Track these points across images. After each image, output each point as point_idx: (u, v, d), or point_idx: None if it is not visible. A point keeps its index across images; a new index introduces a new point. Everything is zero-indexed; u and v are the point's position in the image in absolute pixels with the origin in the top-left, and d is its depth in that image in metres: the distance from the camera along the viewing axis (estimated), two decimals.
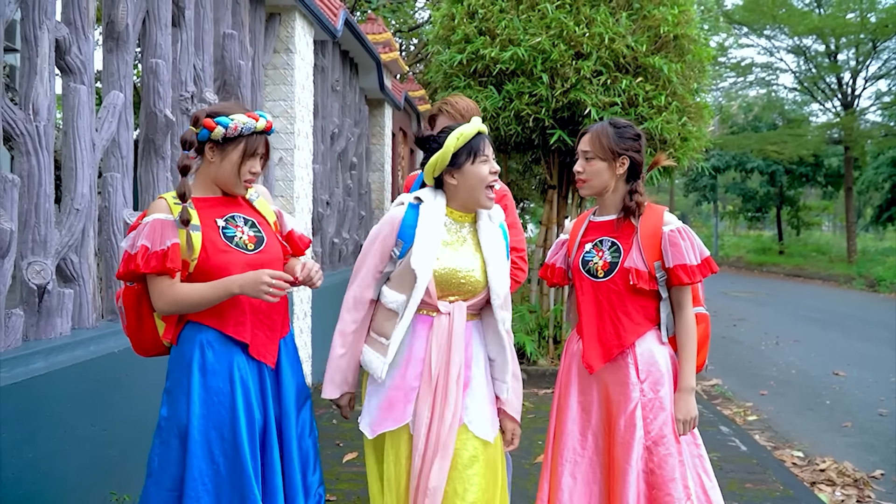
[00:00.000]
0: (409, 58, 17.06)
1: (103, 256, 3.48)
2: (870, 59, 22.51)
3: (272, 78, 5.65)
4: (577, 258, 2.57)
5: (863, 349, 9.15)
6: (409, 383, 2.30)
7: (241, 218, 2.33)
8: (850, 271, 20.56)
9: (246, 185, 2.32)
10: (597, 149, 2.47)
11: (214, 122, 2.21)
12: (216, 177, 2.29)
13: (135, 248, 2.14)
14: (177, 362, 2.25)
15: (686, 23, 6.19)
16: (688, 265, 2.41)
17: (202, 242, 2.20)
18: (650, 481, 2.37)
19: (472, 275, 2.33)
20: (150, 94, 3.75)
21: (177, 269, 2.15)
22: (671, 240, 2.44)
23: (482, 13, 6.22)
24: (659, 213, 2.50)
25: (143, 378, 3.35)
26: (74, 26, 3.22)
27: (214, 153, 2.26)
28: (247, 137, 2.25)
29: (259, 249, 2.30)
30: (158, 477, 2.20)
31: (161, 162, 3.83)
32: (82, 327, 3.22)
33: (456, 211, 2.39)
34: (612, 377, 2.47)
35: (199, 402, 2.18)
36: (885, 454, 5.08)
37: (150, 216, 2.20)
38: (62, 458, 2.83)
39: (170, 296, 2.17)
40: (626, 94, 5.97)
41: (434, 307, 2.31)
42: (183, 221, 2.18)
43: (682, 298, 2.48)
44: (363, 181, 9.01)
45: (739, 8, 23.26)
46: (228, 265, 2.21)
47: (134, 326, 2.34)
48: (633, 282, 2.41)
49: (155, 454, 2.23)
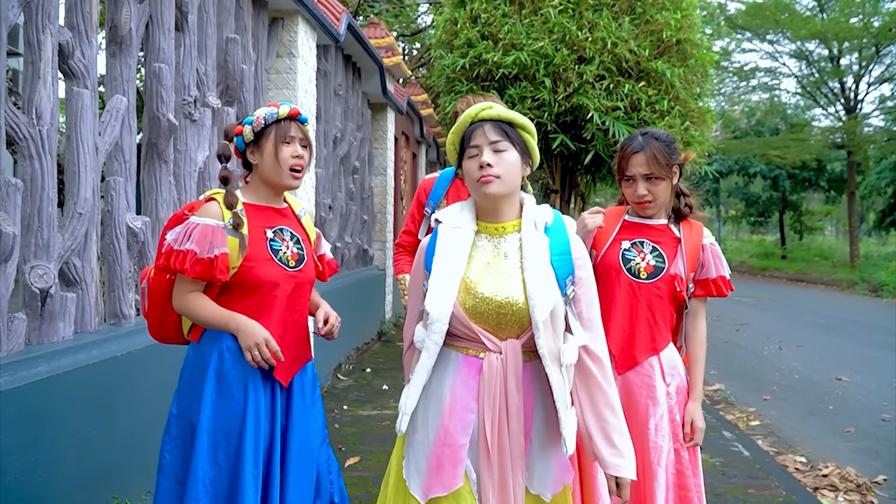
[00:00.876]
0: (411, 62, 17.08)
1: (106, 260, 3.48)
2: (873, 63, 22.51)
3: (275, 82, 5.66)
4: (613, 254, 2.53)
5: (866, 354, 9.13)
6: (456, 439, 1.88)
7: (288, 232, 2.36)
8: (852, 276, 20.53)
9: (293, 174, 2.32)
10: (658, 169, 2.44)
11: (241, 125, 2.31)
12: (264, 175, 2.33)
13: (181, 246, 2.16)
14: (194, 362, 2.28)
15: (689, 27, 6.20)
16: (726, 277, 2.51)
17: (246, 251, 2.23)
18: (679, 482, 2.42)
19: (513, 301, 1.86)
20: (154, 98, 3.76)
21: (223, 278, 2.18)
22: (713, 252, 2.52)
23: (485, 18, 6.23)
24: (699, 227, 2.57)
25: (144, 382, 3.35)
26: (77, 31, 3.23)
27: (254, 153, 2.32)
28: (274, 125, 2.30)
29: (299, 268, 2.33)
30: (170, 471, 2.24)
31: (164, 166, 3.83)
32: (85, 331, 3.22)
33: (489, 223, 1.98)
34: (637, 379, 2.47)
35: (211, 405, 2.20)
36: (888, 459, 5.06)
37: (201, 218, 2.21)
38: (64, 463, 2.82)
39: (186, 301, 2.23)
40: (628, 98, 5.98)
41: (480, 345, 1.89)
42: (235, 226, 2.22)
43: (701, 309, 2.55)
44: (366, 185, 9.02)
45: (742, 13, 23.27)
46: (268, 277, 2.25)
47: (158, 313, 2.38)
48: (679, 289, 2.46)
49: (166, 450, 2.26)
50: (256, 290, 2.24)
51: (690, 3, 6.34)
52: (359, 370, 6.98)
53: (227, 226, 2.20)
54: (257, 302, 2.26)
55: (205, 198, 2.31)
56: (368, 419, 5.26)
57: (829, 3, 22.42)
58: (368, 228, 9.15)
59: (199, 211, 2.25)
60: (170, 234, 2.22)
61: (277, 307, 2.28)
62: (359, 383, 6.42)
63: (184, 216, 2.30)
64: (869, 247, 30.95)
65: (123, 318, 3.48)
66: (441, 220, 1.98)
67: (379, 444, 4.62)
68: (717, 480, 4.22)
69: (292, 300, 2.32)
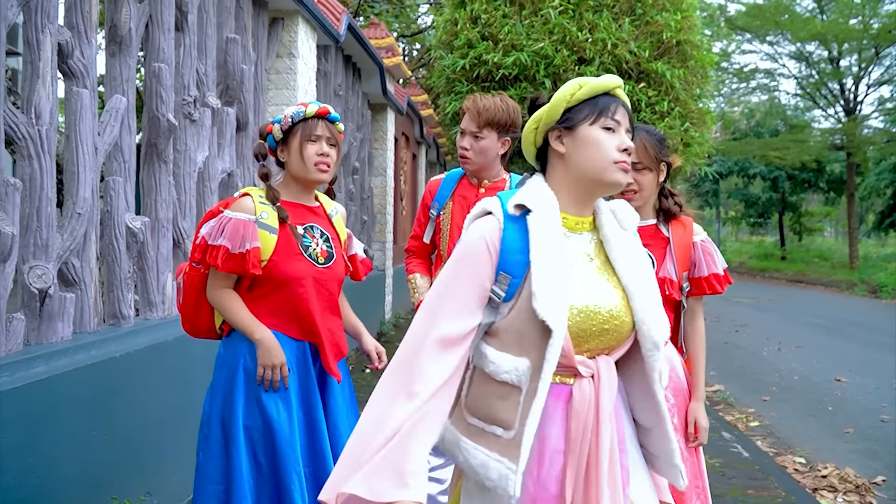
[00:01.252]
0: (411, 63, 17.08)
1: (105, 261, 3.47)
2: (872, 65, 22.52)
3: (275, 82, 5.65)
4: None
5: (865, 355, 9.13)
6: (548, 490, 1.53)
7: (318, 230, 2.41)
8: (852, 277, 20.53)
9: (320, 168, 2.36)
10: (646, 158, 2.43)
11: (271, 124, 2.37)
12: (292, 172, 2.39)
13: (215, 241, 2.21)
14: (225, 360, 2.33)
15: (689, 28, 6.19)
16: (719, 275, 2.46)
17: (276, 245, 2.26)
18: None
19: (617, 314, 1.57)
20: (153, 98, 3.75)
21: (256, 272, 2.22)
22: (705, 250, 2.48)
23: (485, 18, 6.22)
24: (689, 224, 2.52)
25: (144, 383, 3.35)
26: (77, 30, 3.22)
27: (283, 152, 2.38)
28: (301, 123, 2.35)
29: (328, 265, 2.38)
30: (204, 470, 2.29)
31: (164, 166, 3.83)
32: (84, 332, 3.21)
33: (570, 215, 1.63)
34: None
35: (244, 403, 2.24)
36: (888, 460, 5.06)
37: (234, 213, 2.25)
38: (63, 464, 2.82)
39: (219, 296, 2.29)
40: (629, 99, 5.98)
41: (571, 369, 1.53)
42: (282, 219, 2.29)
43: (697, 309, 2.52)
44: (365, 186, 9.01)
45: (742, 14, 23.27)
46: (297, 273, 2.30)
47: (192, 307, 2.43)
48: (669, 292, 2.42)
49: (200, 448, 2.32)
50: (285, 285, 2.29)
51: (690, 4, 6.33)
52: (358, 371, 6.98)
53: (258, 219, 2.25)
54: (286, 296, 2.30)
55: (239, 194, 2.35)
56: None
57: (828, 5, 22.43)
58: (368, 229, 9.15)
59: (232, 206, 2.30)
60: (204, 229, 2.27)
61: (307, 302, 2.32)
62: (358, 384, 6.40)
63: (219, 211, 2.34)
64: (868, 248, 30.95)
65: (122, 319, 3.47)
66: (530, 206, 1.56)
67: None
68: (717, 481, 4.22)
69: (321, 296, 2.36)
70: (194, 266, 2.36)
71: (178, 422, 3.59)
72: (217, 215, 2.31)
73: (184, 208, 4.05)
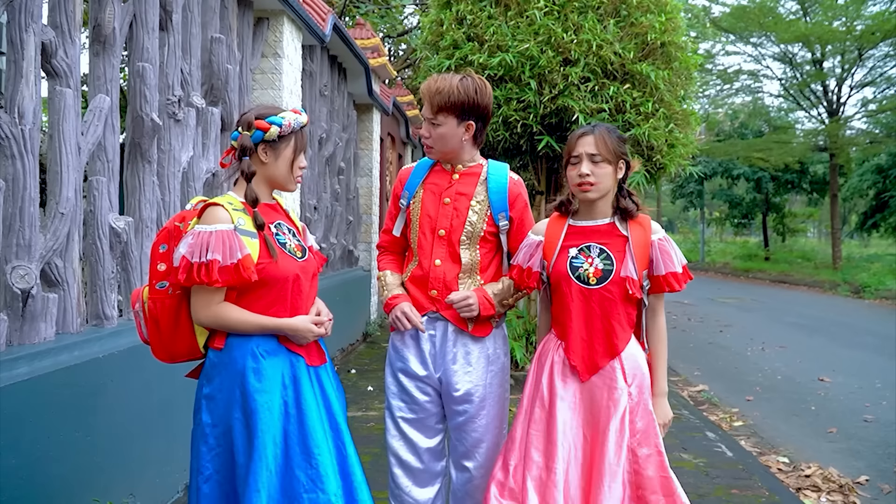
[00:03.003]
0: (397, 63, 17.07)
1: (88, 261, 3.45)
2: (855, 66, 22.68)
3: (260, 82, 5.64)
4: (561, 263, 2.55)
5: (848, 355, 9.21)
6: None
7: (284, 226, 2.38)
8: (835, 278, 20.68)
9: (297, 180, 2.37)
10: (605, 151, 2.46)
11: (267, 122, 2.25)
12: (271, 176, 2.34)
13: (202, 258, 2.12)
14: (224, 368, 2.23)
15: (673, 30, 6.22)
16: (677, 273, 2.48)
17: (260, 248, 2.22)
18: (635, 481, 2.41)
19: None
20: (137, 97, 3.74)
21: (253, 279, 2.17)
22: (662, 248, 2.50)
23: (470, 19, 6.23)
24: (647, 223, 2.54)
25: (127, 384, 3.33)
26: (61, 29, 3.20)
27: (268, 153, 2.30)
28: (297, 133, 2.32)
29: (305, 257, 2.37)
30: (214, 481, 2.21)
31: (147, 166, 3.81)
32: (66, 332, 3.19)
33: None
34: (599, 382, 2.49)
35: (254, 409, 2.17)
36: (871, 460, 5.11)
37: (211, 225, 2.17)
38: (45, 465, 2.80)
39: (214, 312, 2.20)
40: (613, 100, 5.99)
41: None
42: (259, 226, 2.23)
43: (658, 306, 2.57)
44: (351, 186, 9.00)
45: (727, 15, 23.38)
46: (286, 271, 2.26)
47: (167, 332, 2.31)
48: (631, 291, 2.44)
49: (205, 460, 2.21)
50: (276, 285, 2.25)
51: (675, 6, 6.35)
52: (344, 371, 6.97)
53: (237, 227, 2.19)
54: (278, 296, 2.27)
55: (193, 206, 2.29)
56: (353, 420, 5.25)
57: (812, 7, 22.57)
58: (354, 229, 9.14)
59: (204, 219, 2.21)
60: (182, 248, 2.16)
61: (299, 298, 2.31)
62: (344, 384, 6.40)
63: (175, 228, 2.27)
64: (851, 248, 31.22)
65: (106, 320, 3.45)
66: None
67: (364, 446, 4.60)
68: (701, 481, 4.25)
69: (309, 290, 2.36)
70: (158, 289, 2.27)
71: (162, 423, 3.58)
72: (175, 233, 2.25)
73: (168, 208, 4.04)
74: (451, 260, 2.64)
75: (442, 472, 2.76)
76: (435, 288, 2.64)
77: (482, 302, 2.59)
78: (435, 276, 2.64)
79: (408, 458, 2.69)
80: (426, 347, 2.66)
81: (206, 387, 2.26)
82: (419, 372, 2.66)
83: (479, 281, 2.67)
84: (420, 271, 2.68)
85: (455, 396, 2.63)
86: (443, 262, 2.64)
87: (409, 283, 2.71)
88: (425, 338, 2.66)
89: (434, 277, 2.64)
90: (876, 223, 24.24)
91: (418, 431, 2.70)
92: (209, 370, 2.27)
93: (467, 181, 2.69)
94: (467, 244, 2.64)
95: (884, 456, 5.19)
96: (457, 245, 2.63)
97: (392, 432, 2.72)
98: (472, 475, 2.67)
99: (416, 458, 2.69)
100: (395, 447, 2.70)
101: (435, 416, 2.71)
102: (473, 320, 2.63)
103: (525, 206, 2.73)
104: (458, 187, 2.68)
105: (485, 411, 2.65)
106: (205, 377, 2.28)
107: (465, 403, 2.63)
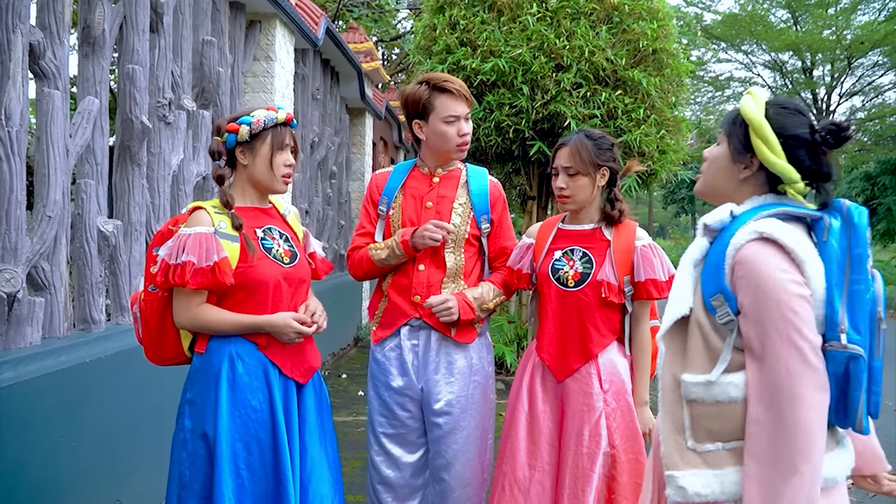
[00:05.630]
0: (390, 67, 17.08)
1: (76, 264, 3.42)
2: (844, 75, 22.88)
3: (252, 86, 5.62)
4: (545, 265, 2.57)
5: None
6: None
7: (276, 231, 2.34)
8: None
9: (284, 179, 2.32)
10: (578, 163, 2.47)
11: (237, 123, 2.24)
12: (253, 178, 2.31)
13: (178, 259, 2.11)
14: (203, 373, 2.22)
15: (665, 37, 6.24)
16: (658, 280, 2.46)
17: (240, 253, 2.20)
18: (612, 487, 2.41)
19: None
20: (127, 100, 3.71)
21: (229, 282, 2.15)
22: (644, 255, 2.49)
23: (463, 24, 6.23)
24: (632, 228, 2.55)
25: (114, 389, 3.30)
26: (49, 31, 3.18)
27: (245, 154, 2.28)
28: (272, 129, 2.28)
29: (294, 263, 2.32)
30: (192, 488, 2.18)
31: (136, 169, 3.78)
32: (53, 336, 3.16)
33: None
34: (575, 386, 2.49)
35: (227, 415, 2.16)
36: None
37: (191, 228, 2.17)
38: (31, 471, 2.77)
39: (194, 315, 2.19)
40: (605, 106, 6.00)
41: None
42: (237, 227, 2.20)
43: (642, 313, 2.55)
44: (343, 190, 8.98)
45: (718, 23, 23.55)
46: (266, 276, 2.23)
47: (155, 334, 2.32)
48: (605, 294, 2.45)
49: (184, 466, 2.19)
50: (257, 290, 2.22)
51: (667, 13, 6.38)
52: (335, 376, 6.94)
53: (217, 230, 2.17)
54: (259, 302, 2.24)
55: (188, 210, 2.29)
56: (343, 425, 5.22)
57: (803, 16, 22.75)
58: (345, 233, 9.11)
59: (187, 222, 2.21)
60: (162, 250, 2.17)
61: (280, 304, 2.27)
62: (334, 389, 6.38)
63: (169, 231, 2.27)
64: None
65: (93, 324, 3.42)
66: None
67: (354, 451, 4.58)
68: None
69: (294, 297, 2.32)
70: (151, 291, 2.27)
71: (149, 428, 3.55)
72: (168, 236, 2.24)
73: (157, 212, 4.01)
74: (436, 265, 2.62)
75: (423, 486, 2.74)
76: (418, 293, 2.61)
77: (462, 305, 2.57)
78: (418, 281, 2.62)
79: (388, 474, 2.68)
80: (409, 358, 2.64)
81: (188, 391, 2.25)
82: (401, 384, 2.64)
83: (463, 286, 2.65)
84: (403, 277, 2.65)
85: (435, 409, 2.61)
86: (427, 267, 2.62)
87: (391, 290, 2.68)
88: (408, 349, 2.64)
89: (418, 283, 2.62)
90: None
91: (399, 447, 2.68)
92: (192, 375, 2.26)
93: (448, 184, 2.68)
94: (452, 248, 2.63)
95: None
96: (441, 249, 2.62)
97: (374, 448, 2.71)
98: (450, 486, 2.65)
99: (398, 474, 2.68)
100: (377, 462, 2.70)
101: (416, 431, 2.69)
102: (455, 325, 2.61)
103: (504, 209, 2.74)
104: (439, 190, 2.66)
105: (465, 422, 2.63)
106: (188, 382, 2.27)
107: (446, 416, 2.61)
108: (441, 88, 2.57)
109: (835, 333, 1.47)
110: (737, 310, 1.51)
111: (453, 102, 2.56)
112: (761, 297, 1.47)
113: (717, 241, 1.60)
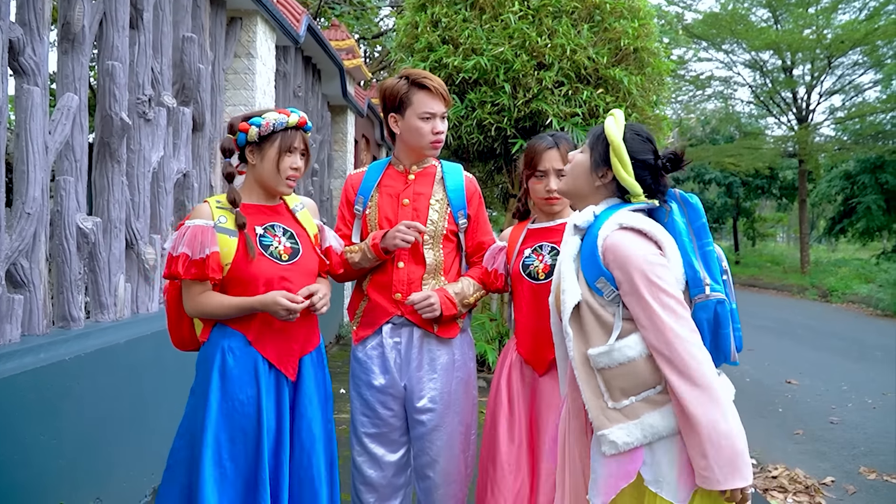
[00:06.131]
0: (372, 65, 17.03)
1: (55, 262, 3.40)
2: (824, 74, 23.05)
3: (233, 82, 5.60)
4: (516, 263, 2.61)
5: (815, 358, 9.34)
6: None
7: (280, 228, 2.37)
8: (803, 282, 21.00)
9: (289, 182, 2.35)
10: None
11: (248, 123, 2.29)
12: (259, 178, 2.35)
13: (176, 251, 2.20)
14: (201, 363, 2.31)
15: (646, 36, 6.27)
16: None
17: (236, 248, 2.25)
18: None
19: None
20: (106, 96, 3.69)
21: (216, 277, 2.22)
22: None
23: (445, 22, 6.23)
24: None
25: (93, 387, 3.29)
26: (29, 27, 3.16)
27: (254, 154, 2.33)
28: (281, 133, 2.31)
29: (293, 261, 2.34)
30: (174, 471, 2.25)
31: (116, 166, 3.76)
32: (32, 334, 3.15)
33: None
34: (549, 379, 2.53)
35: (216, 405, 2.21)
36: (836, 461, 5.18)
37: (192, 221, 2.25)
38: (10, 468, 2.75)
39: (197, 302, 2.26)
40: (587, 105, 6.03)
41: None
42: (240, 225, 2.26)
43: None
44: (325, 188, 8.97)
45: (699, 22, 23.66)
46: (258, 274, 2.26)
47: (174, 321, 2.44)
48: None
49: (174, 448, 2.28)
50: (249, 286, 2.26)
51: (648, 12, 6.41)
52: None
53: (216, 224, 2.24)
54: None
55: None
56: None
57: (783, 15, 22.92)
58: None
59: (191, 214, 2.29)
60: (168, 242, 2.27)
61: None
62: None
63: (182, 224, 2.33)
64: (819, 253, 31.68)
65: (72, 321, 3.40)
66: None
67: None
68: None
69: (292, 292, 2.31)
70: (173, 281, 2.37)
71: (129, 426, 3.54)
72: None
73: (137, 209, 3.99)
74: (415, 261, 2.63)
75: (405, 485, 2.75)
76: (399, 291, 2.62)
77: (444, 301, 2.58)
78: (398, 278, 2.63)
79: (370, 474, 2.69)
80: (391, 356, 2.64)
81: (194, 380, 2.33)
82: (384, 383, 2.65)
83: (444, 281, 2.67)
84: (383, 275, 2.66)
85: (418, 406, 2.62)
86: (406, 264, 2.63)
87: (371, 289, 2.69)
88: (390, 347, 2.65)
89: (398, 280, 2.63)
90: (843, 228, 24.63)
91: (382, 446, 2.69)
92: (196, 364, 2.34)
93: (424, 181, 2.70)
94: (430, 244, 2.64)
95: (849, 457, 5.27)
96: (420, 245, 2.63)
97: (356, 448, 2.72)
98: (435, 482, 2.66)
99: (380, 474, 2.68)
100: (359, 463, 2.71)
101: (398, 430, 2.70)
102: (437, 321, 2.62)
103: (480, 204, 2.76)
104: (415, 187, 2.68)
105: (448, 419, 2.64)
106: (196, 369, 2.34)
107: (429, 412, 2.62)
108: (419, 84, 2.59)
109: (700, 288, 1.86)
110: (617, 286, 1.85)
111: (430, 100, 2.58)
112: (630, 270, 1.81)
113: (587, 236, 1.94)
